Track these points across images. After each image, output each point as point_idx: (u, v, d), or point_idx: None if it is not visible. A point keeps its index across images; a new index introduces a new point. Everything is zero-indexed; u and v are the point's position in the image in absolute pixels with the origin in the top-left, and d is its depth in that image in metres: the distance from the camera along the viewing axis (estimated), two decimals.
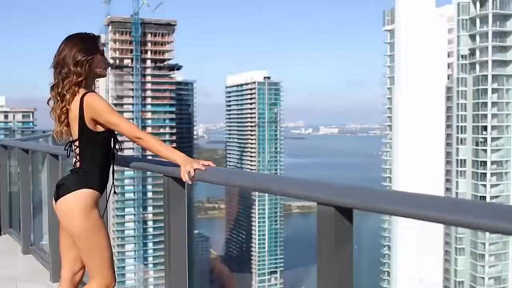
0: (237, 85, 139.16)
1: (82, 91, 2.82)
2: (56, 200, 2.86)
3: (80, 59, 2.80)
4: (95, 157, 2.84)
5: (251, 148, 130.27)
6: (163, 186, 3.06)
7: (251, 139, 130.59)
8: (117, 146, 3.02)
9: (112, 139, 2.96)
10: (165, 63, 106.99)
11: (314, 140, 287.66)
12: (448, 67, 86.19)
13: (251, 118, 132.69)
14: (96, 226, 2.80)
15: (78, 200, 2.77)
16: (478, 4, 79.23)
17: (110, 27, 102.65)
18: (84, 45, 2.85)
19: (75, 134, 2.84)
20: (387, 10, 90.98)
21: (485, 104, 79.37)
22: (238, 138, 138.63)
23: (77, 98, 2.78)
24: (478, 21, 79.46)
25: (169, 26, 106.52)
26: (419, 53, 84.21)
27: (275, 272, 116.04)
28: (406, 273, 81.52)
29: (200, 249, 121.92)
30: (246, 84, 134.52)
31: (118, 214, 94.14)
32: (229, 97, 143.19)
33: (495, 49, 78.65)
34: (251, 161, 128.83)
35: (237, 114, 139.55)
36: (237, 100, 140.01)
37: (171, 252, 3.06)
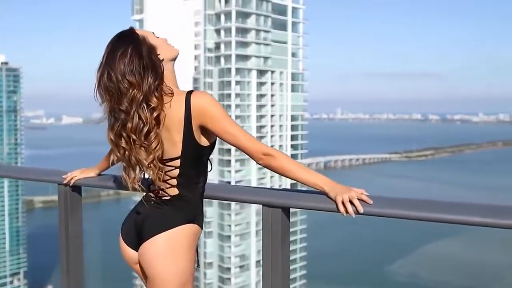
0: None
1: (178, 90, 2.06)
2: (143, 238, 2.05)
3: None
4: (197, 181, 2.07)
5: None
6: (58, 195, 2.95)
7: None
8: (209, 167, 2.14)
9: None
10: None
11: (57, 130, 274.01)
12: (195, 59, 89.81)
13: None
14: (191, 276, 2.09)
15: (184, 237, 2.03)
16: (223, 0, 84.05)
17: None
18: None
19: (175, 149, 2.00)
20: None
21: (229, 95, 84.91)
22: None
23: (179, 100, 1.99)
24: (223, 16, 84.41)
25: None
26: None
27: (18, 273, 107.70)
28: None
29: None
30: None
31: None
32: None
33: (238, 44, 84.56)
34: None
35: None
36: None
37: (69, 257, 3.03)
